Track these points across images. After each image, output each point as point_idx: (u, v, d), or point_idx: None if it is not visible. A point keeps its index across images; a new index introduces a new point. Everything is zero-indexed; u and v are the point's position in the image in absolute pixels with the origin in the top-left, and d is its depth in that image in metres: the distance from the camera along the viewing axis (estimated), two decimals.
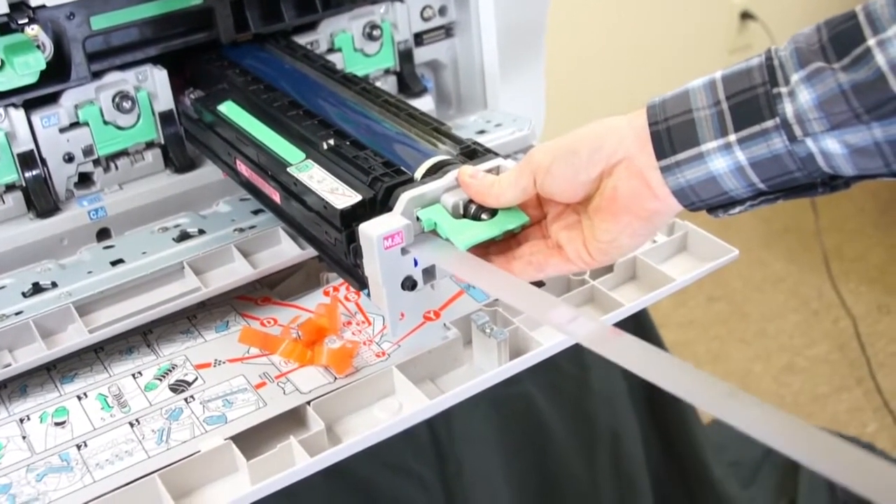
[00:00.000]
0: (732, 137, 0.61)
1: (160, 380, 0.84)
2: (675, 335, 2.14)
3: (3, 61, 0.91)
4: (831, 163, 0.60)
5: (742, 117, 0.61)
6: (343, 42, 1.11)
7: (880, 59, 0.56)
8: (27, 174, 0.96)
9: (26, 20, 0.88)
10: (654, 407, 1.38)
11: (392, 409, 0.80)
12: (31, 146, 0.96)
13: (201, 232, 0.97)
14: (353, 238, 0.74)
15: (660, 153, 0.64)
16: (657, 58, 2.43)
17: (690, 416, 1.43)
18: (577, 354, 1.18)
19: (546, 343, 0.83)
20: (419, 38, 1.16)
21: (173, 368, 0.85)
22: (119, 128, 1.00)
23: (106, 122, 0.99)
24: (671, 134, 0.63)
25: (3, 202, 0.97)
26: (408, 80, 1.15)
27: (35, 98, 0.95)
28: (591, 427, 1.28)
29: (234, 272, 0.92)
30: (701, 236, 0.95)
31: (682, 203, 0.65)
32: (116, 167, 1.02)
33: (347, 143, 0.83)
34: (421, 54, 1.17)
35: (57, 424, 0.80)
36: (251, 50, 1.05)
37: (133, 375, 0.85)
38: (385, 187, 0.75)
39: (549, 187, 0.68)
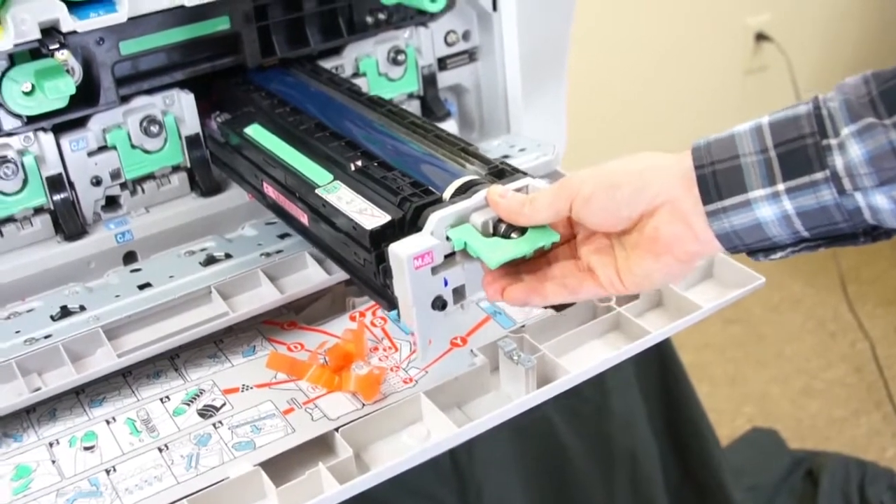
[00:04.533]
0: (781, 187, 0.61)
1: (188, 405, 0.84)
2: (692, 357, 2.14)
3: (33, 86, 0.92)
4: (878, 216, 0.60)
5: (791, 167, 0.61)
6: (368, 66, 1.12)
7: None
8: (55, 197, 0.97)
9: (57, 45, 0.89)
10: (673, 430, 1.38)
11: (420, 436, 0.80)
12: (60, 170, 0.97)
13: (228, 256, 0.98)
14: (382, 258, 0.74)
15: (706, 198, 0.63)
16: (673, 78, 2.44)
17: (709, 439, 1.43)
18: (597, 378, 1.19)
19: (573, 370, 0.83)
20: (443, 63, 1.17)
21: (201, 393, 0.86)
22: (146, 151, 1.01)
23: (133, 146, 1.00)
24: (717, 179, 0.63)
25: (32, 225, 0.98)
26: (431, 104, 1.16)
27: (64, 122, 0.96)
28: (609, 450, 1.28)
29: (262, 297, 0.92)
30: (727, 263, 0.95)
31: (724, 246, 0.65)
32: (143, 190, 1.02)
33: (375, 164, 0.83)
34: (444, 79, 1.18)
35: (86, 449, 0.81)
36: (277, 74, 1.06)
37: (161, 400, 0.85)
38: (414, 207, 0.75)
39: (585, 216, 0.68)
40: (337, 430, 0.79)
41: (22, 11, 0.86)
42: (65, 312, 0.91)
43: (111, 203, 1.02)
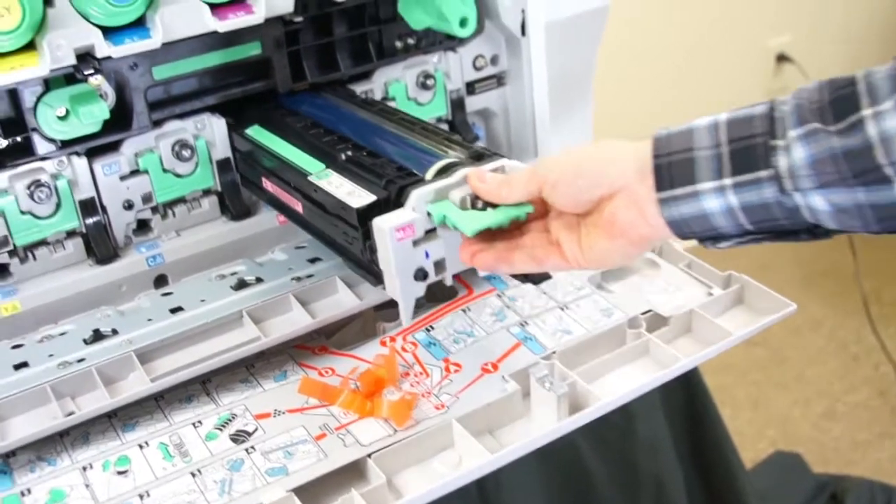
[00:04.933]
0: (727, 181, 0.65)
1: (220, 429, 0.85)
2: (714, 380, 2.11)
3: (67, 111, 0.93)
4: (816, 217, 0.64)
5: (739, 163, 0.65)
6: (397, 91, 1.13)
7: (872, 130, 0.60)
8: (88, 221, 0.98)
9: (92, 71, 0.90)
10: (698, 454, 1.37)
11: (452, 463, 0.81)
12: (93, 193, 0.98)
13: (259, 280, 0.98)
14: (368, 235, 0.80)
15: (659, 185, 0.67)
16: (694, 99, 2.44)
17: (734, 463, 1.42)
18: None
19: (605, 398, 0.83)
20: (471, 87, 1.18)
21: (233, 418, 0.86)
22: (177, 175, 1.02)
23: (165, 170, 1.01)
24: (672, 169, 0.67)
25: (64, 248, 0.99)
26: (459, 128, 1.17)
27: (97, 146, 0.97)
28: (634, 475, 1.28)
29: (293, 321, 0.93)
30: (757, 290, 0.95)
31: (674, 232, 0.69)
32: (174, 214, 1.03)
33: (364, 153, 0.89)
34: (473, 103, 1.18)
35: (119, 473, 0.81)
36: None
37: (193, 424, 0.86)
38: (398, 188, 0.80)
39: (552, 199, 0.73)
40: (369, 456, 0.79)
41: (58, 37, 0.88)
42: (97, 336, 0.92)
43: (142, 226, 1.03)
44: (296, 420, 0.85)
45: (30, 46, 0.88)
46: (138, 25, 0.92)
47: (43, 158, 0.95)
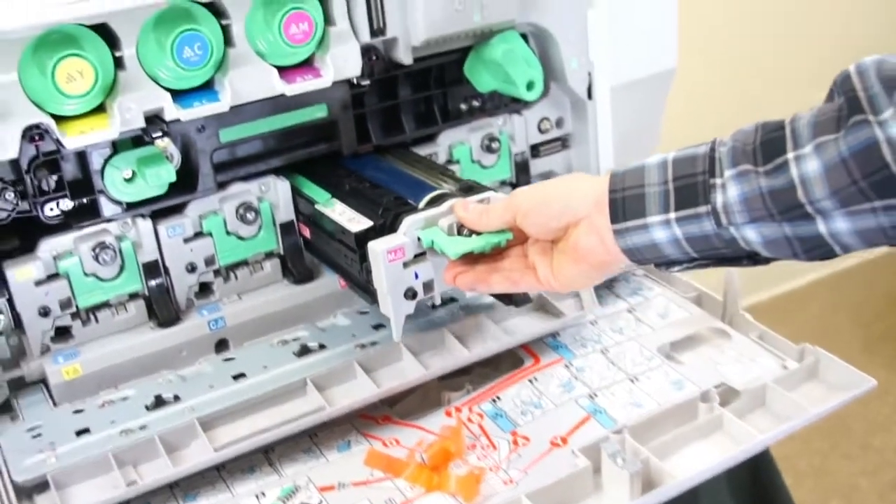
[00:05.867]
0: (672, 215, 0.72)
1: (284, 502, 0.84)
2: (776, 450, 2.08)
3: (134, 173, 0.94)
4: (750, 246, 0.71)
5: (682, 199, 0.72)
6: (461, 154, 1.13)
7: (794, 171, 0.67)
8: (151, 283, 0.98)
9: (160, 133, 0.90)
10: None
11: None
12: (156, 256, 0.98)
13: (322, 347, 0.98)
14: (365, 258, 0.88)
15: (613, 218, 0.74)
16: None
17: None
18: None
19: (679, 476, 0.81)
20: (536, 150, 1.17)
21: (297, 490, 0.85)
22: (240, 238, 1.02)
23: (228, 233, 1.01)
24: (625, 204, 0.74)
25: (126, 311, 0.99)
26: None
27: (162, 208, 0.98)
28: None
29: (358, 390, 0.92)
30: (832, 363, 0.93)
31: (630, 259, 0.76)
32: (236, 277, 1.03)
33: (366, 184, 0.98)
34: (537, 165, 1.18)
35: None
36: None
37: (256, 496, 0.85)
38: (393, 214, 0.89)
39: (524, 226, 0.81)
40: None
41: (128, 101, 0.88)
42: (159, 402, 0.92)
43: (204, 289, 1.03)
44: (361, 493, 0.84)
45: (99, 108, 0.89)
46: (207, 88, 0.93)
47: (108, 220, 0.95)
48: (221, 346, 1.01)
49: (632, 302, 1.08)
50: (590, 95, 1.13)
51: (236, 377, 0.94)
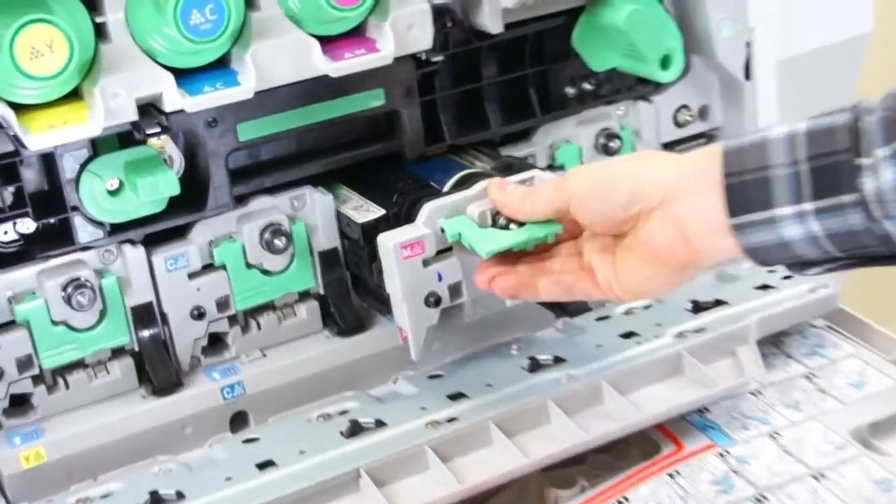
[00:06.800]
0: (808, 206, 0.71)
1: None
2: None
3: (121, 183, 0.91)
4: None
5: (820, 185, 0.70)
6: (567, 156, 1.10)
7: None
8: (142, 334, 0.96)
9: (157, 129, 0.88)
10: None
11: None
12: (151, 297, 0.96)
13: (379, 424, 0.95)
14: (375, 255, 0.89)
15: (732, 209, 0.73)
16: None
17: None
18: None
19: None
20: (671, 150, 1.13)
21: None
22: (265, 273, 1.00)
23: (249, 265, 0.99)
24: (746, 191, 0.73)
25: (108, 372, 0.97)
26: None
27: (158, 232, 0.96)
28: None
29: (431, 485, 0.89)
30: None
31: (754, 261, 0.76)
32: (259, 326, 1.01)
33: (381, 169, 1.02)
34: None
35: None
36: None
37: None
38: (410, 200, 0.90)
39: (581, 215, 0.81)
40: None
41: (114, 84, 0.86)
42: (155, 501, 0.89)
43: (215, 343, 1.01)
44: None
45: (74, 95, 0.87)
46: (221, 67, 0.91)
47: (85, 248, 0.94)
48: (239, 421, 1.00)
49: (811, 365, 1.05)
50: (747, 74, 1.11)
51: (262, 466, 0.92)
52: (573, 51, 1.07)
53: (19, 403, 0.95)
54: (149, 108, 0.89)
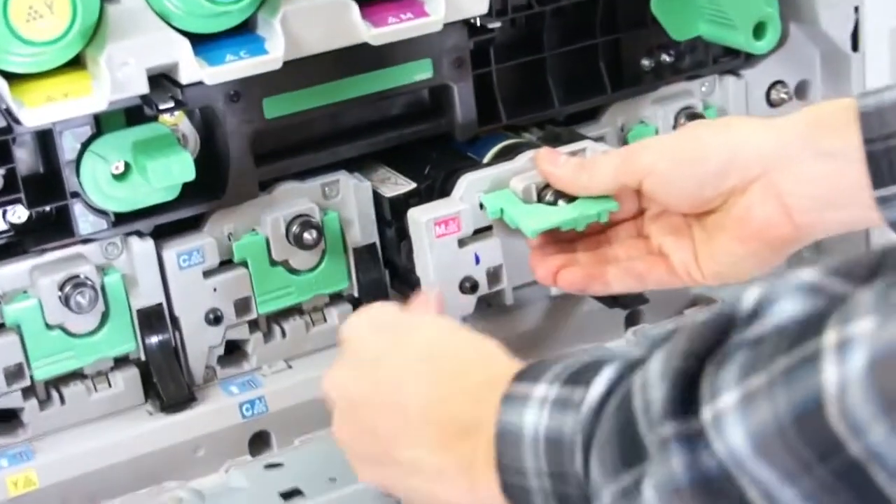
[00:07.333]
0: None
1: None
2: None
3: (128, 165, 0.92)
4: None
5: None
6: (641, 139, 1.07)
7: None
8: (150, 341, 0.96)
9: (171, 103, 0.88)
10: None
11: None
12: (160, 298, 0.96)
13: None
14: (404, 234, 0.92)
15: (877, 179, 0.74)
16: None
17: None
18: None
19: None
20: None
21: None
22: (292, 271, 1.00)
23: (273, 262, 0.99)
24: (892, 158, 0.73)
25: (110, 385, 0.97)
26: None
27: (169, 223, 0.96)
28: None
29: None
30: None
31: None
32: (283, 333, 1.02)
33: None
34: None
35: None
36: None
37: None
38: (445, 172, 0.92)
39: (659, 193, 0.83)
40: None
41: (122, 51, 0.86)
42: None
43: (233, 352, 1.01)
44: None
45: (76, 63, 0.88)
46: (246, 32, 0.92)
47: (85, 240, 0.94)
48: (260, 443, 1.00)
49: None
50: (855, 45, 1.10)
51: (286, 496, 0.92)
52: (651, 16, 1.06)
53: (7, 420, 0.96)
54: (161, 80, 0.89)
